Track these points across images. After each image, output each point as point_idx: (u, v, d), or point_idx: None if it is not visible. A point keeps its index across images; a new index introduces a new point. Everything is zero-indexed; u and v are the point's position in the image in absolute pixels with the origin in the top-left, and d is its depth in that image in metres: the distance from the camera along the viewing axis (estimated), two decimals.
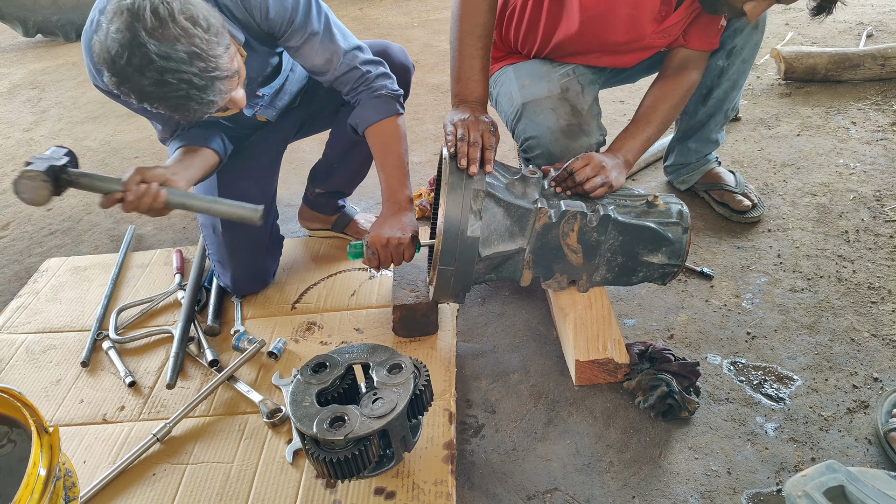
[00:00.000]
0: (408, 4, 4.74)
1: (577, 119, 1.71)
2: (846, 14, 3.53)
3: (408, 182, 1.65)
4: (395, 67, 1.75)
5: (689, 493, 1.30)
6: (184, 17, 1.22)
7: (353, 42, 1.64)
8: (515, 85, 1.79)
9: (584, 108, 1.73)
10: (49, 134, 3.42)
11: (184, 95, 1.26)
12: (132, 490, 1.39)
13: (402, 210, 1.61)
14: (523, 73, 1.80)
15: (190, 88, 1.25)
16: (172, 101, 1.26)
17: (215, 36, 1.27)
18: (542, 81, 1.75)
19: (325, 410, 1.25)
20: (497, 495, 1.34)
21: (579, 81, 1.76)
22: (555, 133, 1.70)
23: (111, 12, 1.22)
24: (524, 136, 1.76)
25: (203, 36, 1.24)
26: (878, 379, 1.50)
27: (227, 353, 1.74)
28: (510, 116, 1.80)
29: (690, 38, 1.73)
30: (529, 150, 1.76)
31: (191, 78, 1.24)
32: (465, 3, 1.57)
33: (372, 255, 1.59)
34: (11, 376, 1.74)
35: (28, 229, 2.54)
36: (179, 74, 1.23)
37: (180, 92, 1.25)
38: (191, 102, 1.28)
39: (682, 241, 1.57)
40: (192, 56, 1.23)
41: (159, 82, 1.23)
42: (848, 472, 1.10)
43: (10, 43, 5.24)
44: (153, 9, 1.19)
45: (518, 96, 1.76)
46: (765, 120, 2.65)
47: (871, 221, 2.00)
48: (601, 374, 1.54)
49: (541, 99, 1.72)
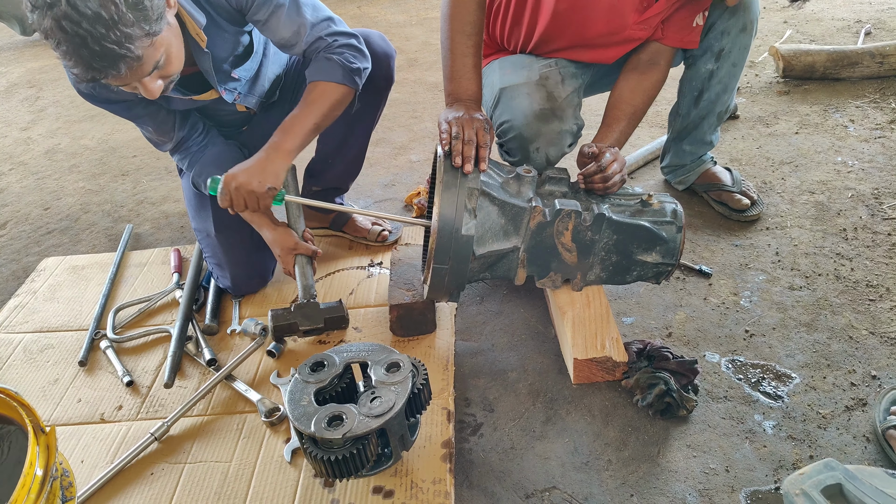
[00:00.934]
0: (406, 2, 4.73)
1: (551, 104, 1.69)
2: (844, 12, 3.53)
3: (301, 140, 1.60)
4: (376, 54, 1.75)
5: (687, 491, 1.30)
6: None
7: (324, 14, 1.63)
8: (498, 75, 1.79)
9: (561, 95, 1.72)
10: (46, 132, 3.42)
11: (76, 49, 1.23)
12: (130, 489, 1.39)
13: (274, 157, 1.57)
14: (507, 64, 1.80)
15: (82, 47, 1.22)
16: (65, 47, 1.23)
17: (137, 16, 1.24)
18: (523, 70, 1.75)
19: (323, 409, 1.25)
20: (495, 494, 1.34)
21: (560, 73, 1.75)
22: (528, 116, 1.68)
23: None
24: (499, 121, 1.74)
25: (121, 6, 1.21)
26: (876, 377, 1.50)
27: (224, 352, 1.74)
28: (489, 104, 1.79)
29: (666, 33, 1.73)
30: (503, 135, 1.74)
31: (87, 37, 1.21)
32: (454, 3, 1.57)
33: (224, 196, 1.57)
34: (9, 376, 1.74)
35: (26, 228, 2.53)
36: (77, 27, 1.20)
37: (73, 43, 1.22)
38: (81, 59, 1.24)
39: (677, 240, 1.57)
40: (97, 17, 1.20)
41: (58, 25, 1.20)
42: (846, 470, 1.10)
43: (8, 42, 5.23)
44: None
45: (497, 83, 1.76)
46: (763, 118, 2.64)
47: (870, 219, 2.00)
48: (599, 373, 1.54)
49: (518, 84, 1.71)
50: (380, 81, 1.81)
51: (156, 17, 1.28)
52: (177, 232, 2.37)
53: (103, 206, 2.62)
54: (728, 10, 1.76)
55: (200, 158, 1.76)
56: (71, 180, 2.87)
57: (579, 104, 1.80)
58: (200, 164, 1.75)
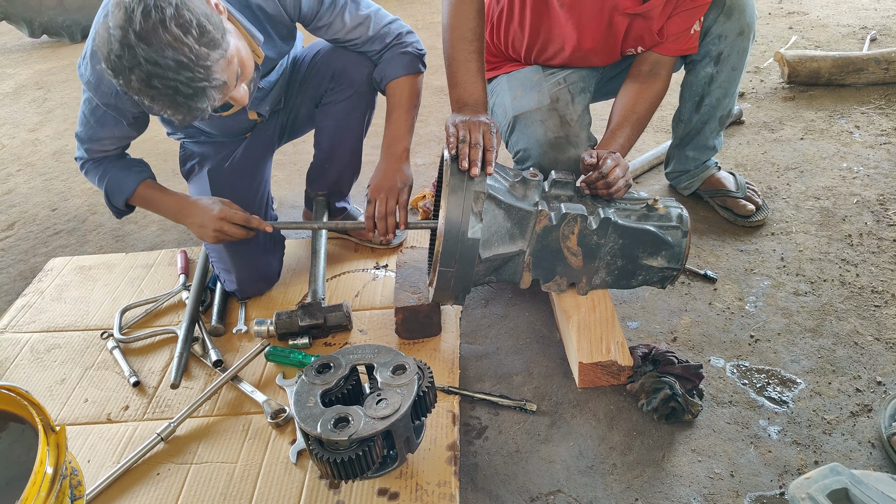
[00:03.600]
0: (412, 7, 4.75)
1: (565, 131, 1.74)
2: (850, 18, 3.53)
3: (409, 136, 1.74)
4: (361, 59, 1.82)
5: (692, 496, 1.30)
6: (175, 23, 1.22)
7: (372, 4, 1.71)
8: (508, 96, 1.82)
9: (574, 118, 1.76)
10: (54, 134, 3.43)
11: (171, 99, 1.28)
12: (136, 489, 1.40)
13: (397, 162, 1.69)
14: (516, 84, 1.83)
15: (176, 95, 1.27)
16: (161, 101, 1.28)
17: (208, 45, 1.27)
18: (533, 92, 1.78)
19: (329, 411, 1.25)
20: (500, 497, 1.34)
21: (570, 90, 1.79)
22: (543, 146, 1.73)
23: (112, 6, 1.24)
24: (516, 149, 1.80)
25: (194, 46, 1.24)
26: (881, 382, 1.50)
27: (231, 353, 1.75)
28: (504, 129, 1.84)
29: (665, 43, 1.75)
30: (521, 162, 1.80)
31: (177, 86, 1.25)
32: (454, 13, 1.60)
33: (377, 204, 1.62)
34: (16, 375, 1.75)
35: (33, 229, 2.55)
36: (166, 81, 1.24)
37: (167, 96, 1.27)
38: (179, 107, 1.29)
39: (682, 244, 1.58)
40: (179, 65, 1.24)
41: (147, 84, 1.25)
42: (852, 474, 1.10)
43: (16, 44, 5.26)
44: (145, 12, 1.20)
45: (510, 109, 1.80)
46: (768, 123, 2.65)
47: (875, 225, 2.00)
48: (604, 377, 1.54)
49: (531, 111, 1.76)
50: (362, 85, 1.84)
51: (220, 34, 1.30)
52: (183, 233, 2.38)
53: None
54: (724, 14, 1.77)
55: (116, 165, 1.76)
56: (78, 181, 2.89)
57: (590, 122, 1.83)
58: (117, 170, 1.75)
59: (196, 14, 1.25)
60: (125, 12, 1.21)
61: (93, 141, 1.71)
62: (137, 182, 1.74)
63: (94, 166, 1.76)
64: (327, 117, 1.91)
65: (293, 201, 2.47)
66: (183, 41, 1.23)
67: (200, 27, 1.25)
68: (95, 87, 1.57)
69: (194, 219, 1.69)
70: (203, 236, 1.70)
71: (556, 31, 1.74)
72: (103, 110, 1.62)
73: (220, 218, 1.66)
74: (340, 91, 1.84)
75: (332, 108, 1.88)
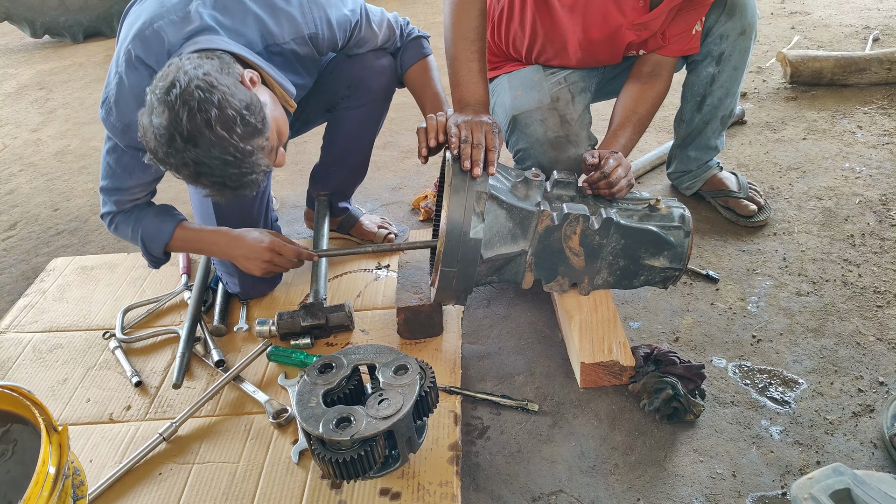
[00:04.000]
0: (414, 7, 4.75)
1: (565, 130, 1.74)
2: (852, 18, 3.53)
3: (448, 101, 1.74)
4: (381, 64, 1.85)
5: (693, 496, 1.30)
6: (220, 124, 1.25)
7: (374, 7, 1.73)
8: (508, 96, 1.82)
9: (574, 117, 1.76)
10: (56, 134, 3.44)
11: (219, 190, 1.34)
12: (138, 489, 1.40)
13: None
14: (516, 83, 1.83)
15: (224, 187, 1.32)
16: (208, 189, 1.34)
17: (251, 135, 1.30)
18: (533, 91, 1.78)
19: (331, 411, 1.25)
20: (502, 497, 1.34)
21: (570, 90, 1.79)
22: (543, 145, 1.73)
23: (156, 101, 1.26)
24: (516, 148, 1.80)
25: (238, 144, 1.28)
26: (883, 383, 1.50)
27: (233, 353, 1.75)
28: (504, 128, 1.84)
29: (667, 44, 1.75)
30: (521, 162, 1.80)
31: (224, 180, 1.31)
32: (456, 12, 1.60)
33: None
34: (18, 375, 1.75)
35: (35, 229, 2.55)
36: (212, 177, 1.30)
37: (214, 186, 1.33)
38: (225, 194, 1.36)
39: (684, 244, 1.58)
40: (225, 163, 1.28)
41: (195, 179, 1.31)
42: (854, 475, 1.10)
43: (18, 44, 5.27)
44: (190, 115, 1.23)
45: (510, 108, 1.80)
46: (770, 123, 2.64)
47: (877, 225, 1.99)
48: (606, 377, 1.54)
49: (531, 111, 1.76)
50: (379, 93, 1.83)
51: (261, 119, 1.33)
52: None
53: None
54: (725, 14, 1.77)
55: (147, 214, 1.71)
56: (80, 181, 2.89)
57: (590, 121, 1.84)
58: (149, 220, 1.70)
59: (237, 107, 1.28)
60: (170, 113, 1.24)
61: (121, 191, 1.65)
62: (174, 226, 1.69)
63: (124, 219, 1.70)
64: (341, 123, 1.90)
65: (295, 201, 2.47)
66: (228, 141, 1.26)
67: (243, 120, 1.28)
68: (122, 133, 1.52)
69: (242, 251, 1.67)
70: (251, 269, 1.68)
71: (556, 31, 1.73)
72: (130, 156, 1.57)
73: (270, 250, 1.65)
74: (357, 99, 1.83)
75: (346, 115, 1.87)
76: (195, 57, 1.32)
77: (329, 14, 1.57)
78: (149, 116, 1.28)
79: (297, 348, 1.71)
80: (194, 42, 1.39)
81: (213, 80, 1.26)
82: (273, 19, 1.50)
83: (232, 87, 1.29)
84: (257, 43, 1.49)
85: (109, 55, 4.69)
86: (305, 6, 1.53)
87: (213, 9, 1.45)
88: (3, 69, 4.70)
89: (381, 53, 1.80)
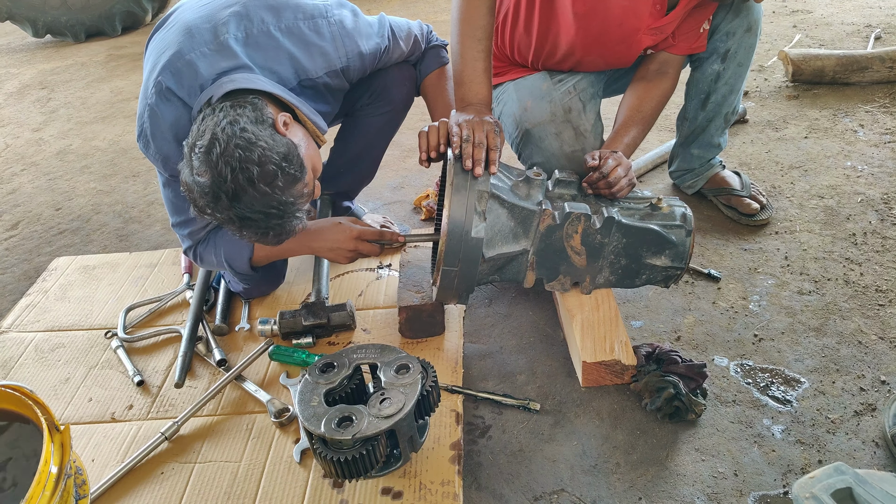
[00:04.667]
0: (415, 6, 4.75)
1: (580, 143, 1.73)
2: (854, 16, 3.52)
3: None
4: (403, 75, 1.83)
5: (695, 495, 1.30)
6: (262, 181, 1.28)
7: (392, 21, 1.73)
8: (518, 107, 1.80)
9: (587, 128, 1.75)
10: (58, 134, 3.44)
11: (261, 238, 1.37)
12: (140, 488, 1.40)
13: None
14: (525, 93, 1.81)
15: (266, 237, 1.36)
16: (253, 238, 1.38)
17: (291, 183, 1.33)
18: (544, 102, 1.76)
19: (333, 410, 1.25)
20: (504, 496, 1.34)
21: (580, 98, 1.77)
22: (560, 159, 1.74)
23: (197, 162, 1.29)
24: (530, 161, 1.80)
25: (280, 197, 1.31)
26: (885, 382, 1.50)
27: (234, 352, 1.75)
28: (515, 139, 1.83)
29: (676, 42, 1.74)
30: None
31: (268, 231, 1.34)
32: (464, 7, 1.58)
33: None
34: (20, 374, 1.76)
35: (37, 228, 2.56)
36: (257, 229, 1.34)
37: (258, 236, 1.36)
38: (268, 241, 1.39)
39: (686, 243, 1.57)
40: (268, 216, 1.32)
41: (239, 230, 1.35)
42: (856, 474, 1.10)
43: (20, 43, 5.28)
44: (233, 175, 1.26)
45: (522, 120, 1.79)
46: (772, 122, 2.64)
47: (879, 224, 1.99)
48: (608, 376, 1.54)
49: (544, 123, 1.75)
50: (399, 103, 1.84)
51: (298, 166, 1.35)
52: None
53: (114, 207, 2.64)
54: (732, 12, 1.76)
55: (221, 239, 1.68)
56: (82, 181, 2.90)
57: (602, 129, 1.83)
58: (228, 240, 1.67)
59: (276, 161, 1.30)
60: (213, 173, 1.27)
61: (191, 222, 1.64)
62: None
63: (204, 248, 1.69)
64: (358, 129, 1.89)
65: None
66: (271, 196, 1.30)
67: (283, 173, 1.31)
68: (164, 164, 1.52)
69: (325, 243, 1.66)
70: (337, 258, 1.68)
71: (566, 37, 1.70)
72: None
73: (355, 238, 1.64)
74: (377, 107, 1.82)
75: (365, 121, 1.86)
76: (228, 107, 1.32)
77: (360, 46, 1.58)
78: (192, 175, 1.30)
79: (299, 347, 1.71)
80: (230, 80, 1.39)
81: (251, 137, 1.28)
82: (306, 55, 1.51)
83: (269, 140, 1.31)
84: (290, 79, 1.50)
85: (112, 54, 4.71)
86: (338, 39, 1.54)
87: (244, 45, 1.45)
88: (5, 68, 4.71)
89: (404, 65, 1.80)
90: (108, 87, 4.05)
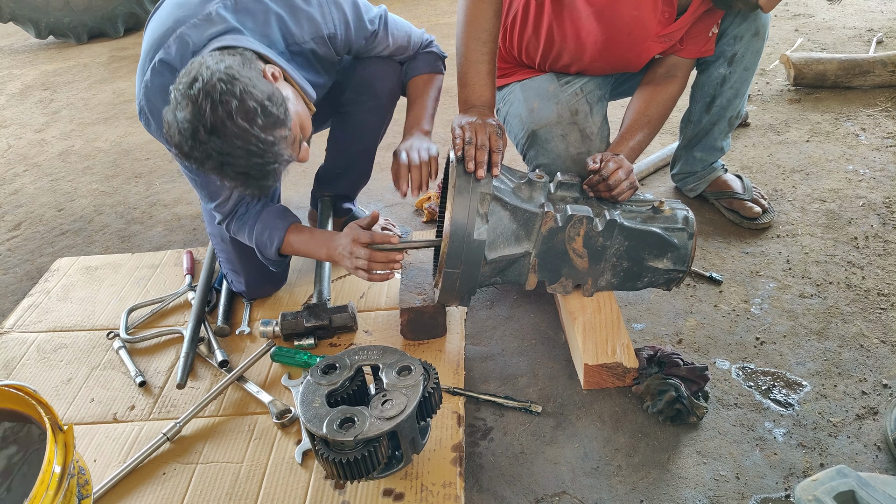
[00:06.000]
0: (417, 8, 4.76)
1: (586, 146, 1.74)
2: (856, 20, 3.53)
3: (431, 122, 1.75)
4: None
5: (697, 498, 1.30)
6: (241, 115, 1.25)
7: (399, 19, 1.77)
8: (524, 108, 1.80)
9: (594, 130, 1.75)
10: (60, 134, 3.45)
11: (242, 181, 1.34)
12: (142, 489, 1.40)
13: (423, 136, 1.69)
14: (531, 94, 1.81)
15: (247, 178, 1.33)
16: (232, 181, 1.34)
17: (273, 126, 1.30)
18: (551, 103, 1.76)
19: (334, 411, 1.26)
20: (505, 498, 1.34)
21: (587, 101, 1.78)
22: (566, 161, 1.74)
23: (179, 96, 1.27)
24: (536, 163, 1.80)
25: (260, 134, 1.28)
26: (887, 385, 1.50)
27: (236, 353, 1.75)
28: (520, 140, 1.83)
29: (685, 46, 1.75)
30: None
31: (247, 171, 1.31)
32: (470, 9, 1.58)
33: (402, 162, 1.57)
34: (23, 375, 1.76)
35: (39, 229, 2.56)
36: (236, 168, 1.30)
37: (238, 178, 1.33)
38: (249, 186, 1.36)
39: (688, 246, 1.58)
40: (249, 153, 1.29)
41: (220, 171, 1.31)
42: (858, 477, 1.10)
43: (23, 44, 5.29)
44: (213, 107, 1.24)
45: (528, 121, 1.79)
46: (774, 126, 2.64)
47: (881, 228, 1.99)
48: (610, 379, 1.54)
49: (550, 125, 1.75)
50: (383, 98, 1.84)
51: (283, 111, 1.33)
52: (189, 234, 2.39)
53: (116, 208, 2.64)
54: (740, 16, 1.76)
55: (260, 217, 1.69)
56: (84, 182, 2.90)
57: (609, 131, 1.83)
58: (262, 223, 1.68)
59: (259, 98, 1.28)
60: (193, 107, 1.25)
61: (217, 197, 1.64)
62: (285, 229, 1.67)
63: (238, 225, 1.69)
64: (347, 124, 1.90)
65: (298, 202, 2.47)
66: (250, 132, 1.27)
67: (265, 111, 1.28)
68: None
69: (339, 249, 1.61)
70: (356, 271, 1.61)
71: (575, 40, 1.70)
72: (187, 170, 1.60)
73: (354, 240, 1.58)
74: (363, 101, 1.83)
75: (352, 117, 1.88)
76: (217, 53, 1.33)
77: (347, 14, 1.59)
78: (173, 112, 1.29)
79: (301, 349, 1.71)
80: (219, 40, 1.40)
81: (234, 73, 1.27)
82: (293, 19, 1.52)
83: (254, 79, 1.30)
84: (279, 42, 1.51)
85: (114, 56, 4.72)
86: (325, 6, 1.55)
87: (234, 12, 1.45)
88: (7, 70, 4.72)
89: (389, 59, 1.80)
90: (110, 89, 4.06)
